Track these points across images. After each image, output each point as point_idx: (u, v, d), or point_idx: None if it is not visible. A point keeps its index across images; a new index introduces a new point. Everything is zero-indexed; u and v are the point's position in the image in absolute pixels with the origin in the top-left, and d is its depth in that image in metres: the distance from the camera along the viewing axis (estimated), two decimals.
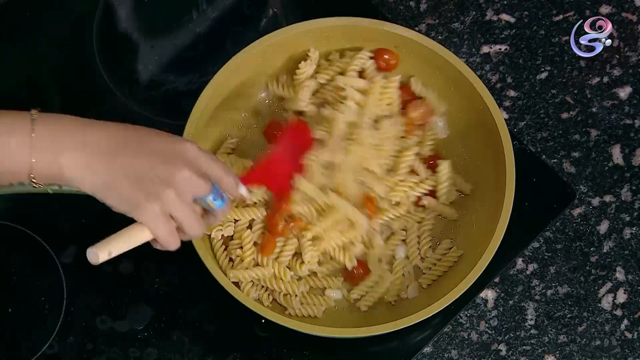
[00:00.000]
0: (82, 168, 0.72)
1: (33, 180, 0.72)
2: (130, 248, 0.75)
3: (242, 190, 0.81)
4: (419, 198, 0.96)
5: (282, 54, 0.98)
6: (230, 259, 0.93)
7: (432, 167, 0.96)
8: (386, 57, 0.98)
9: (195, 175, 0.75)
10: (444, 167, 0.95)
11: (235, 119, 1.00)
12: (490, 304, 0.96)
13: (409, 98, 0.98)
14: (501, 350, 0.94)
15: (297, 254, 0.94)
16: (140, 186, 0.73)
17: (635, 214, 0.99)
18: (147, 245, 0.96)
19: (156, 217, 0.74)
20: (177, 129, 0.91)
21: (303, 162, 0.92)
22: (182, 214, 0.75)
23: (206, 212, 0.79)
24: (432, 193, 0.96)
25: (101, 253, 0.73)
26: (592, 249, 0.98)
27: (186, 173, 0.74)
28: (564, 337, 0.94)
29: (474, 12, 1.08)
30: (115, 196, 0.73)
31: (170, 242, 0.76)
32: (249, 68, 0.97)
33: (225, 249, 0.94)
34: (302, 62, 0.97)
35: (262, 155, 0.97)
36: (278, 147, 0.91)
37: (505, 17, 1.07)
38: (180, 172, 0.74)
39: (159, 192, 0.73)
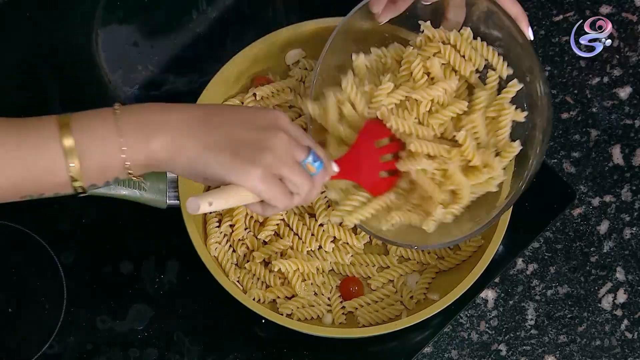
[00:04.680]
0: (171, 148, 0.69)
1: (129, 172, 0.70)
2: (230, 206, 0.72)
3: (334, 166, 0.79)
4: None
5: (282, 54, 0.98)
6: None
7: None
8: None
9: (292, 139, 0.72)
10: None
11: None
12: (490, 304, 0.95)
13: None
14: (501, 351, 0.94)
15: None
16: (236, 153, 0.70)
17: (635, 214, 0.99)
18: (146, 245, 0.97)
19: (261, 180, 0.70)
20: None
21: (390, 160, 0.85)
22: (289, 171, 0.72)
23: None
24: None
25: (202, 202, 0.70)
26: (592, 249, 0.97)
27: (283, 136, 0.72)
28: (564, 337, 0.94)
29: None
30: (209, 167, 0.70)
31: (283, 202, 0.72)
32: (249, 67, 0.97)
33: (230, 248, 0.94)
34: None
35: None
36: (361, 142, 0.84)
37: None
38: (277, 136, 0.71)
39: (256, 157, 0.70)
